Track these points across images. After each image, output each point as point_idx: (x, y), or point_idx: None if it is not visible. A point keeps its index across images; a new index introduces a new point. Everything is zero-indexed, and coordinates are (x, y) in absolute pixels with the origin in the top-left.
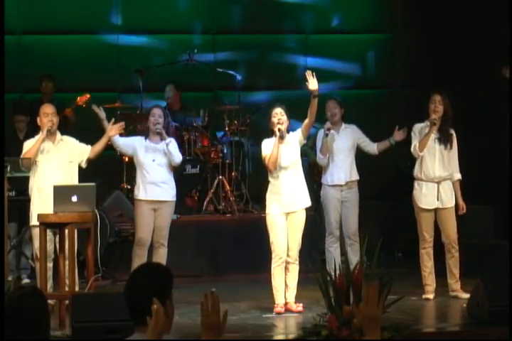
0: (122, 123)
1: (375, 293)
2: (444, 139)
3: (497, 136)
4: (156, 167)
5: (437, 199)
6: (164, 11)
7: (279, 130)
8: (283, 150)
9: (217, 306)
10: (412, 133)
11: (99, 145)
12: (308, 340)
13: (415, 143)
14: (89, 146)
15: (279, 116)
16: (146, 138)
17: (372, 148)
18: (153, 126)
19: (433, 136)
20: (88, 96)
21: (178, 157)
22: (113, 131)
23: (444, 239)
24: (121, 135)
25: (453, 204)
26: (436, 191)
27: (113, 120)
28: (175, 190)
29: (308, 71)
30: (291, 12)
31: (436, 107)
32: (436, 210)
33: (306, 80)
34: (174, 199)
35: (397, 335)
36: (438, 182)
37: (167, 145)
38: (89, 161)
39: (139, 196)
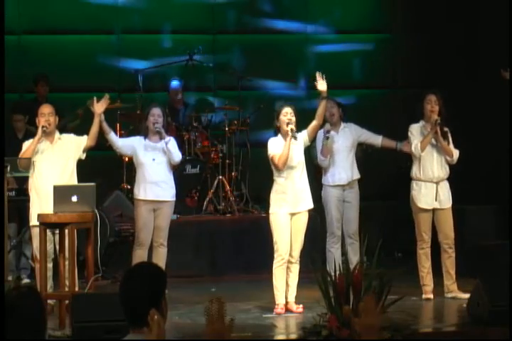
0: (106, 95)
1: (373, 304)
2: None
3: (497, 136)
4: (156, 166)
5: (435, 200)
6: (164, 11)
7: (291, 130)
8: (292, 149)
9: (222, 312)
10: (409, 134)
11: (94, 127)
12: (308, 340)
13: (416, 142)
14: (84, 136)
15: (288, 116)
16: (145, 138)
17: (377, 140)
18: (152, 126)
19: (432, 135)
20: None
21: (177, 156)
22: (99, 108)
23: (441, 239)
24: (121, 135)
25: (450, 204)
26: (434, 191)
27: (95, 98)
28: (174, 189)
29: (318, 72)
30: (291, 12)
31: (433, 107)
32: (434, 211)
33: (315, 80)
34: (174, 199)
35: (397, 335)
36: (437, 183)
37: (166, 144)
38: (89, 149)
39: (139, 196)
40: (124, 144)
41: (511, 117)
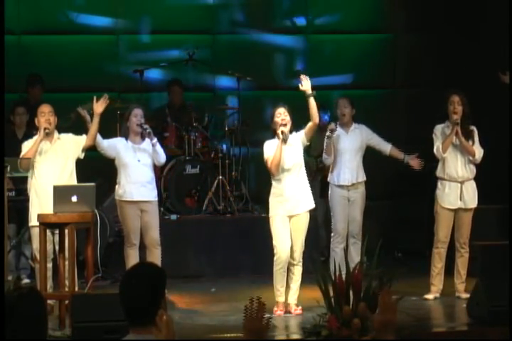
0: (105, 95)
1: (390, 299)
2: (465, 138)
3: (496, 136)
4: (141, 167)
5: (460, 200)
6: (163, 11)
7: (282, 133)
8: (286, 151)
9: (262, 313)
10: (434, 135)
11: (93, 127)
12: (308, 340)
13: (438, 144)
14: (84, 136)
15: (282, 116)
16: (126, 139)
17: (385, 148)
18: (136, 127)
19: (454, 136)
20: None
21: (163, 157)
22: (99, 108)
23: (456, 238)
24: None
25: (475, 205)
26: (459, 191)
27: (95, 97)
28: (156, 189)
29: (302, 74)
30: (291, 12)
31: (456, 108)
32: (457, 210)
33: (300, 82)
34: (157, 198)
35: (397, 335)
36: (461, 182)
37: (154, 145)
38: (88, 148)
39: (125, 197)
40: (109, 145)
41: (511, 118)
